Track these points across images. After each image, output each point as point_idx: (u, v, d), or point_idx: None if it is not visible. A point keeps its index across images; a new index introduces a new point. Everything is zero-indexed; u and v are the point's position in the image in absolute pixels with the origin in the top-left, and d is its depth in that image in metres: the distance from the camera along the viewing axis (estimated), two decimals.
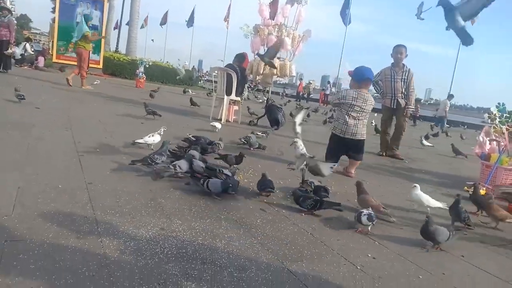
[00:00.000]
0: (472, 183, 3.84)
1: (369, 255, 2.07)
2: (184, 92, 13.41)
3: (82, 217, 1.93)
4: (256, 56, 7.15)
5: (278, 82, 7.67)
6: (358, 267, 1.90)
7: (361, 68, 4.11)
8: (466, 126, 19.45)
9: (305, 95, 27.36)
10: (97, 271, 1.49)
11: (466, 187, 3.80)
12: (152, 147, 3.74)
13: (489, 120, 4.13)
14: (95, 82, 10.59)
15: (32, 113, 4.82)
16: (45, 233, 1.74)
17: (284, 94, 26.46)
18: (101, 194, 2.32)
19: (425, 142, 7.93)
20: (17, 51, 12.17)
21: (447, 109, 15.98)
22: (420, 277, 1.91)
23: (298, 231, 2.27)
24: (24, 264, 1.47)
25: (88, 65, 10.21)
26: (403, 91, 5.65)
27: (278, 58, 7.08)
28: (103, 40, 15.68)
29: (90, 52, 10.13)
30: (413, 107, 5.75)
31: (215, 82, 7.27)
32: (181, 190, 2.65)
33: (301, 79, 32.53)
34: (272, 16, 7.09)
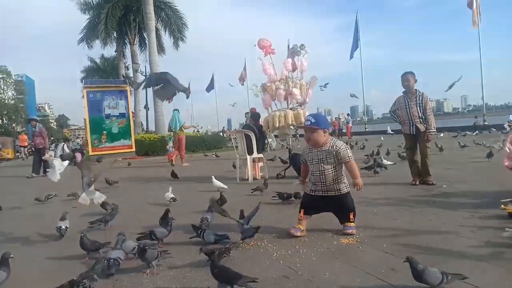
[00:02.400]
0: (509, 199, 3.62)
1: None
2: (216, 156, 13.96)
3: None
4: (270, 112, 7.36)
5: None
6: None
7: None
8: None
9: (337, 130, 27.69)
10: None
11: (502, 206, 3.57)
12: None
13: (510, 128, 3.93)
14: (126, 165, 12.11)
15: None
16: None
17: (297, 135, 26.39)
18: None
19: (385, 161, 7.43)
20: (53, 153, 13.49)
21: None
22: None
23: None
24: None
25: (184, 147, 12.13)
26: (421, 115, 5.58)
27: (291, 109, 7.25)
28: (132, 125, 16.70)
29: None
30: (435, 130, 5.60)
31: (236, 145, 7.49)
32: None
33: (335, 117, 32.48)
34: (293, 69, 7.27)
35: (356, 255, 2.79)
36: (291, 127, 7.27)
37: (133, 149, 16.26)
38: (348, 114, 28.53)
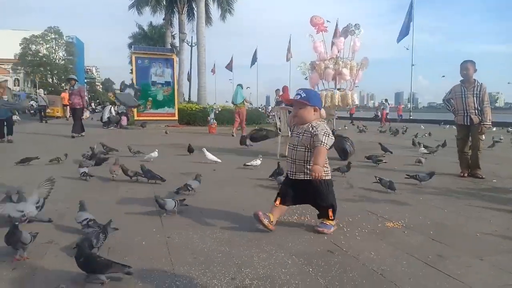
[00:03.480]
0: None
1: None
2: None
3: (161, 272, 2.15)
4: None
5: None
6: None
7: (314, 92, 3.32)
8: None
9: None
10: None
11: None
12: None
13: None
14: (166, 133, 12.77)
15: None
16: None
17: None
18: (178, 248, 2.55)
19: (422, 149, 7.67)
20: (88, 113, 14.50)
21: None
22: None
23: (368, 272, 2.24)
24: None
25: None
26: (476, 106, 5.36)
27: (338, 89, 7.13)
28: (176, 93, 17.09)
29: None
30: (490, 123, 5.37)
31: (279, 121, 7.51)
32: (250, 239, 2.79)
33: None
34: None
35: (401, 239, 2.80)
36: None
37: (176, 118, 16.69)
38: (386, 100, 27.35)
